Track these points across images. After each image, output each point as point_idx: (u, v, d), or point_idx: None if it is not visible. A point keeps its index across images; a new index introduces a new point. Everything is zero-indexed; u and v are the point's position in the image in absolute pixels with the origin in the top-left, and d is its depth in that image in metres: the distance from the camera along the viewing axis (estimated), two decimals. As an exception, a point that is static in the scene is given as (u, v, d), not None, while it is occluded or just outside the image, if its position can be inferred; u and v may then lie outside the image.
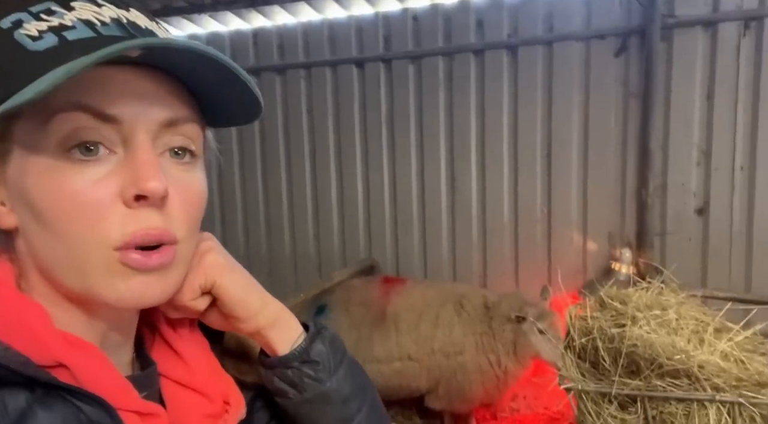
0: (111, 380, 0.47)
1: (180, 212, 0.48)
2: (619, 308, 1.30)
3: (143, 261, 0.46)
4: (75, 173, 0.44)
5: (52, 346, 0.44)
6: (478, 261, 3.47)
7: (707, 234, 3.09)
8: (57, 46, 0.43)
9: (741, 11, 2.87)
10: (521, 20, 3.23)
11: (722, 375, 1.07)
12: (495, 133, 3.35)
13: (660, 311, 1.30)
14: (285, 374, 0.59)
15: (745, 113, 2.94)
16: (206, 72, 0.46)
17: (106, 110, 0.44)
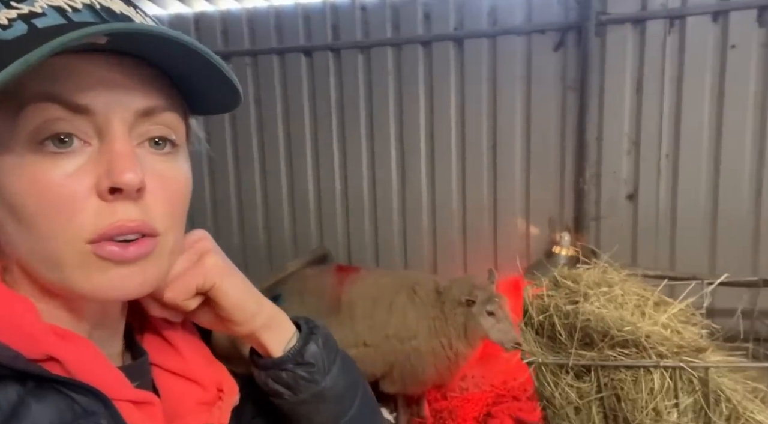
0: (103, 370, 0.47)
1: (160, 203, 0.47)
2: (572, 286, 1.41)
3: (120, 253, 0.44)
4: (48, 166, 0.42)
5: (41, 339, 0.44)
6: (429, 248, 3.58)
7: (637, 218, 3.33)
8: (26, 34, 0.41)
9: (666, 10, 3.09)
10: (466, 14, 3.33)
11: (665, 343, 1.19)
12: (443, 123, 3.45)
13: (607, 288, 1.43)
14: (279, 376, 0.59)
15: (670, 105, 3.18)
16: (181, 59, 0.45)
17: (77, 100, 0.43)
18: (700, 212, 3.20)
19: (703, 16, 3.03)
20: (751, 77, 3.00)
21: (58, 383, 0.43)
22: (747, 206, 3.12)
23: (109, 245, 0.44)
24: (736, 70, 3.00)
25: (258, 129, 3.71)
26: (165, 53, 0.44)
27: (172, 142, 0.49)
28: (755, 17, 2.95)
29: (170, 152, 0.49)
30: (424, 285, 3.13)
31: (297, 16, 3.55)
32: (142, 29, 0.41)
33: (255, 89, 3.68)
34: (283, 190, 3.75)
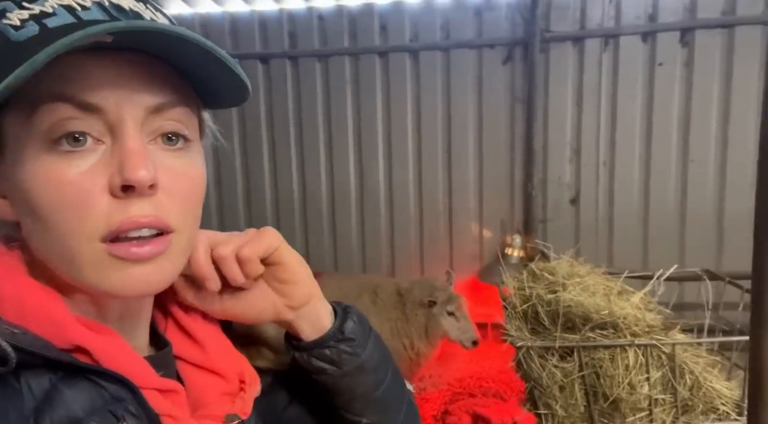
0: (130, 360, 0.48)
1: (174, 199, 0.48)
2: (550, 278, 1.55)
3: (136, 252, 0.45)
4: (62, 165, 0.43)
5: (69, 330, 0.45)
6: (387, 252, 3.67)
7: (578, 220, 3.60)
8: (37, 34, 0.41)
9: (602, 29, 3.39)
10: (421, 27, 3.47)
11: (639, 324, 1.35)
12: (400, 130, 3.56)
13: (579, 279, 1.58)
14: (323, 353, 0.64)
15: (606, 116, 3.47)
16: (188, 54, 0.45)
17: (87, 99, 0.43)
18: (633, 213, 3.50)
19: (634, 36, 3.35)
20: (675, 92, 3.34)
21: (88, 371, 0.44)
22: (674, 207, 3.45)
23: (124, 245, 0.45)
24: (663, 85, 3.33)
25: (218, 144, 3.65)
26: (173, 49, 0.45)
27: (184, 137, 0.50)
28: (679, 38, 3.29)
29: (183, 148, 0.50)
30: (385, 288, 3.21)
31: (253, 22, 3.55)
32: (144, 27, 0.42)
33: (210, 95, 3.62)
34: (239, 196, 3.71)
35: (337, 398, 0.66)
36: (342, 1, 3.49)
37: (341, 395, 0.66)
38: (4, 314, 0.44)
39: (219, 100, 0.54)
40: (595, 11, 3.39)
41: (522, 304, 1.50)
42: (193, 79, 0.50)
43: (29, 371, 0.42)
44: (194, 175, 0.51)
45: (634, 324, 1.34)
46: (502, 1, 3.43)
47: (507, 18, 3.44)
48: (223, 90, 0.52)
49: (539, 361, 1.40)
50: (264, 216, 3.72)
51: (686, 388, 1.31)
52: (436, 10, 3.45)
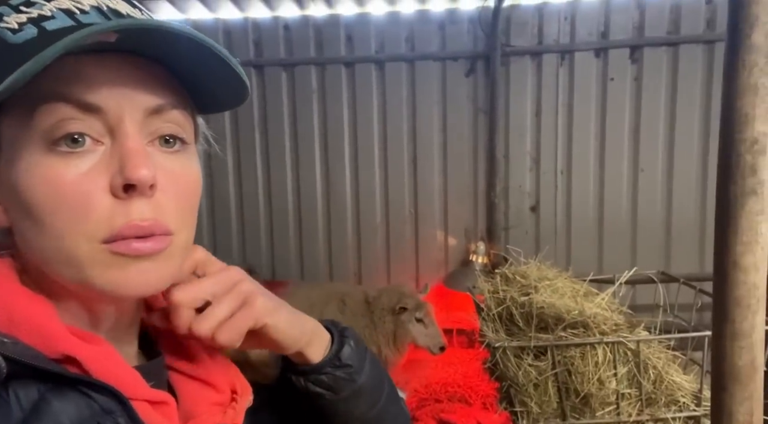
0: (120, 370, 0.47)
1: (172, 202, 0.47)
2: (523, 281, 1.62)
3: (137, 248, 0.45)
4: (61, 166, 0.43)
5: (60, 339, 0.44)
6: (353, 260, 3.69)
7: (539, 227, 3.73)
8: (36, 37, 0.41)
9: (558, 45, 3.55)
10: (387, 38, 3.54)
11: (606, 323, 1.43)
12: (366, 140, 3.61)
13: (549, 282, 1.66)
14: (320, 379, 0.63)
15: (563, 127, 3.63)
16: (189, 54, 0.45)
17: (87, 100, 0.43)
18: (589, 220, 3.67)
19: (588, 52, 3.53)
20: (626, 105, 3.54)
21: (77, 382, 0.43)
22: (626, 213, 3.64)
23: (125, 241, 0.44)
24: (615, 98, 3.53)
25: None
26: (173, 50, 0.45)
27: (181, 140, 0.49)
28: (629, 55, 3.50)
29: (180, 150, 0.49)
30: (353, 296, 3.22)
31: (217, 30, 3.53)
32: (148, 24, 0.42)
33: (172, 103, 3.57)
34: (204, 205, 3.66)
35: (333, 420, 0.66)
36: (308, 11, 3.52)
37: (338, 417, 0.66)
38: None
39: (215, 104, 0.54)
40: (552, 27, 3.55)
41: (497, 306, 1.56)
42: (189, 83, 0.50)
43: (18, 381, 0.41)
44: (191, 177, 0.51)
45: (602, 323, 1.42)
46: (464, 16, 3.55)
47: (469, 32, 3.56)
48: (220, 93, 0.52)
49: (515, 360, 1.46)
50: (229, 225, 3.68)
51: (650, 382, 1.41)
52: (401, 22, 3.53)
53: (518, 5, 3.56)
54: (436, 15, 3.54)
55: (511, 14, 3.53)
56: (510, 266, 1.79)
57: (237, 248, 3.68)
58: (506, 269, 1.73)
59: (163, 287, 0.49)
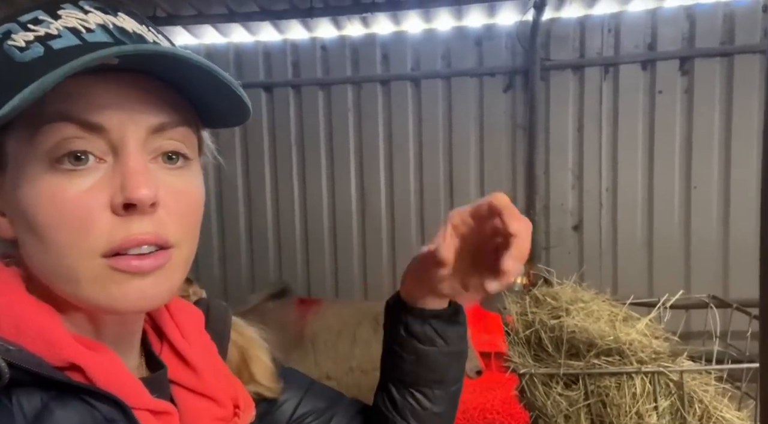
0: (124, 379, 0.47)
1: (173, 216, 0.48)
2: (553, 303, 1.52)
3: (137, 265, 0.45)
4: (64, 183, 0.43)
5: (64, 347, 0.45)
6: (388, 280, 3.63)
7: (582, 247, 3.57)
8: (42, 56, 0.42)
9: (601, 58, 3.43)
10: (422, 56, 3.53)
11: (645, 350, 1.31)
12: (402, 158, 3.58)
13: (583, 304, 1.54)
14: (439, 325, 0.68)
15: (607, 143, 3.48)
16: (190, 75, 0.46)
17: (90, 119, 0.44)
18: (637, 240, 3.47)
19: (634, 64, 3.39)
20: (676, 119, 3.35)
21: (80, 390, 0.44)
22: (678, 233, 3.42)
23: (125, 258, 0.45)
24: (664, 112, 3.35)
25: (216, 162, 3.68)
26: (175, 71, 0.45)
27: (184, 156, 0.50)
28: (678, 67, 3.33)
29: (182, 166, 0.50)
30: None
31: (257, 53, 3.62)
32: (151, 50, 0.43)
33: (213, 123, 3.67)
34: (241, 223, 3.71)
35: (428, 374, 0.69)
36: (345, 32, 3.55)
37: (434, 372, 0.69)
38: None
39: (219, 120, 0.54)
40: (595, 40, 3.44)
41: (525, 330, 1.47)
42: (193, 99, 0.50)
43: (21, 389, 0.42)
44: (193, 192, 0.51)
45: (640, 350, 1.30)
46: (502, 31, 3.49)
47: (507, 47, 3.49)
48: (224, 110, 0.52)
49: (543, 389, 1.36)
50: (265, 242, 3.71)
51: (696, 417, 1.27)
52: (437, 39, 3.51)
53: (558, 18, 3.47)
54: (472, 31, 3.50)
55: (551, 28, 3.45)
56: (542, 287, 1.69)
57: (273, 264, 3.70)
58: (536, 290, 1.63)
59: (160, 302, 0.49)
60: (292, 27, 3.49)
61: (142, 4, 3.15)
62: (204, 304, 0.65)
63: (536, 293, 1.60)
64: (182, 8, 3.28)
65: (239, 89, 0.48)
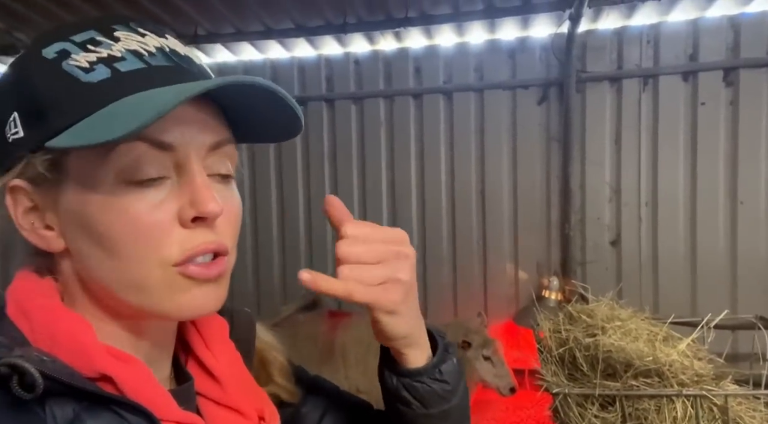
0: (154, 391, 0.48)
1: (227, 226, 0.51)
2: (588, 320, 1.46)
3: (205, 272, 0.48)
4: (135, 199, 0.46)
5: (97, 358, 0.46)
6: (419, 293, 3.59)
7: (620, 262, 3.45)
8: (110, 77, 0.44)
9: (640, 70, 3.35)
10: (455, 69, 3.52)
11: (686, 372, 1.25)
12: (433, 170, 3.56)
13: (620, 323, 1.49)
14: (413, 386, 0.60)
15: (647, 156, 3.38)
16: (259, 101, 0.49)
17: (162, 139, 0.46)
18: (680, 257, 3.34)
19: (674, 76, 3.29)
20: (720, 131, 3.23)
21: (111, 401, 0.45)
22: (723, 250, 3.28)
23: (193, 265, 0.48)
24: (707, 124, 3.24)
25: (250, 175, 3.75)
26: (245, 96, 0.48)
27: (229, 169, 0.53)
28: (722, 78, 3.21)
29: (229, 179, 0.53)
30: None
31: (292, 68, 3.68)
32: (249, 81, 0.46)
33: (248, 136, 3.74)
34: (273, 234, 3.75)
35: None
36: (378, 46, 3.58)
37: None
38: (35, 341, 0.46)
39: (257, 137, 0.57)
40: (633, 51, 3.36)
41: (558, 347, 1.42)
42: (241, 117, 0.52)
43: (54, 399, 0.43)
44: (238, 203, 0.54)
45: (681, 372, 1.24)
46: (536, 43, 3.45)
47: (541, 59, 3.45)
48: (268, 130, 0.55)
49: (578, 410, 1.30)
50: (298, 254, 3.74)
51: (743, 445, 1.20)
52: (470, 52, 3.50)
53: (595, 30, 3.42)
54: (505, 44, 3.48)
55: (587, 39, 3.39)
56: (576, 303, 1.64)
57: (305, 277, 3.72)
58: (570, 307, 1.58)
59: (218, 308, 0.52)
60: (327, 43, 3.54)
61: (184, 23, 3.26)
62: (227, 312, 0.66)
63: (570, 310, 1.55)
64: (222, 26, 3.37)
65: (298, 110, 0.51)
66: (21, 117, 0.46)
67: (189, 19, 3.19)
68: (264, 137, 0.58)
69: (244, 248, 3.77)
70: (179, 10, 3.05)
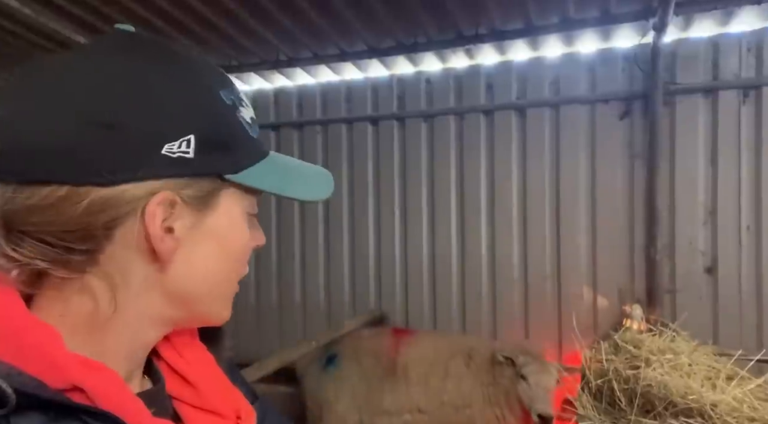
0: (125, 399, 0.48)
1: None
2: (633, 351, 1.33)
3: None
4: (247, 230, 0.58)
5: (66, 368, 0.45)
6: (488, 315, 3.48)
7: (717, 292, 3.10)
8: (258, 138, 0.57)
9: (739, 80, 3.03)
10: (529, 83, 3.41)
11: (734, 414, 1.08)
12: (504, 190, 3.45)
13: (672, 356, 1.33)
14: None
15: (749, 175, 3.03)
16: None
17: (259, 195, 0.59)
18: (788, 288, 2.94)
19: (780, 85, 2.94)
20: (836, 146, 2.82)
21: (80, 411, 0.44)
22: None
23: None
24: (818, 139, 2.84)
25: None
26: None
27: None
28: (836, 85, 2.82)
29: None
30: (480, 350, 3.01)
31: (366, 88, 3.78)
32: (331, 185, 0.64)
33: (324, 155, 3.88)
34: (344, 251, 3.83)
35: None
36: (449, 64, 3.58)
37: None
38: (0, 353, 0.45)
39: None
40: (731, 60, 3.06)
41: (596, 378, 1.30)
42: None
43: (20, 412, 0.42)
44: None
45: (727, 414, 1.08)
46: (618, 55, 3.25)
47: (624, 71, 3.24)
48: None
49: (609, 447, 1.18)
50: (366, 272, 3.78)
51: None
52: (546, 66, 3.38)
53: (686, 38, 3.16)
54: (584, 56, 3.32)
55: (676, 49, 3.14)
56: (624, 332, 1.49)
57: (373, 295, 3.75)
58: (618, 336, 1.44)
59: None
60: (399, 63, 3.60)
61: (266, 50, 3.50)
62: None
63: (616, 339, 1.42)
64: (300, 51, 3.56)
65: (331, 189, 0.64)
66: (197, 141, 0.50)
67: (270, 45, 3.41)
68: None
69: (316, 262, 3.89)
70: (261, 37, 3.26)
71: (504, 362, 2.68)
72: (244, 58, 3.60)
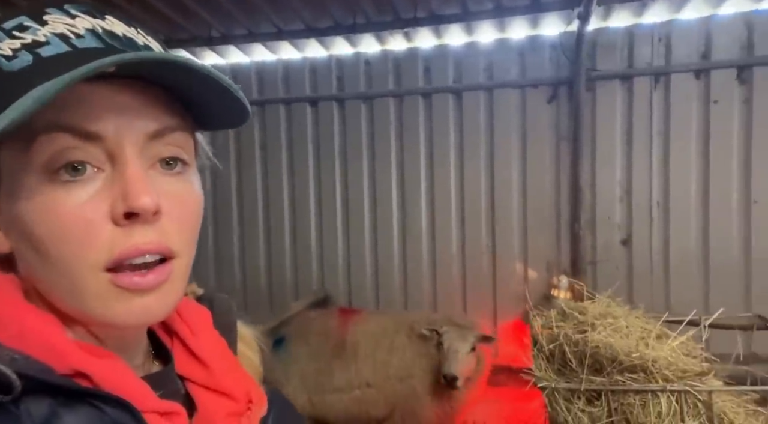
0: (130, 383, 0.47)
1: (175, 224, 0.46)
2: (579, 317, 1.48)
3: (138, 282, 0.44)
4: (62, 195, 0.42)
5: (69, 354, 0.44)
6: (429, 292, 3.63)
7: (631, 262, 3.43)
8: (31, 64, 0.41)
9: (651, 68, 3.32)
10: (464, 69, 3.54)
11: (671, 368, 1.26)
12: (442, 169, 3.59)
13: (612, 320, 1.50)
14: None
15: (658, 154, 3.35)
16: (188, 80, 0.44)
17: (87, 128, 0.42)
18: (692, 256, 3.31)
19: (686, 73, 3.26)
20: (734, 129, 3.19)
21: (88, 395, 0.43)
22: (737, 250, 3.23)
23: (128, 275, 0.44)
24: (720, 122, 3.20)
25: (263, 174, 3.83)
26: (172, 76, 0.44)
27: (183, 161, 0.48)
28: (736, 76, 3.17)
29: (181, 171, 0.48)
30: (420, 324, 3.14)
31: (304, 68, 3.75)
32: (151, 58, 0.42)
33: (261, 136, 3.82)
34: (285, 232, 3.82)
35: None
36: (388, 46, 3.62)
37: None
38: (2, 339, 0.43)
39: (216, 122, 0.52)
40: (644, 49, 3.34)
41: (549, 343, 1.44)
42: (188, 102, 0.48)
43: (29, 396, 0.41)
44: (193, 198, 0.49)
45: (665, 368, 1.25)
46: (545, 42, 3.45)
47: (551, 58, 3.45)
48: (222, 113, 0.50)
49: (565, 404, 1.32)
50: (308, 252, 3.80)
51: (728, 441, 1.21)
52: (480, 51, 3.51)
53: (605, 28, 3.40)
54: (515, 43, 3.49)
55: (597, 38, 3.38)
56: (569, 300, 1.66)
57: (316, 276, 3.79)
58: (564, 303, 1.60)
59: (165, 315, 0.48)
60: (338, 43, 3.59)
61: (198, 26, 3.35)
62: (207, 299, 0.64)
63: (563, 307, 1.57)
64: (234, 28, 3.45)
65: (239, 93, 0.46)
66: None
67: (203, 21, 3.28)
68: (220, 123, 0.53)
69: (257, 245, 3.85)
70: (193, 13, 3.13)
71: (428, 334, 2.83)
72: (174, 33, 3.43)
